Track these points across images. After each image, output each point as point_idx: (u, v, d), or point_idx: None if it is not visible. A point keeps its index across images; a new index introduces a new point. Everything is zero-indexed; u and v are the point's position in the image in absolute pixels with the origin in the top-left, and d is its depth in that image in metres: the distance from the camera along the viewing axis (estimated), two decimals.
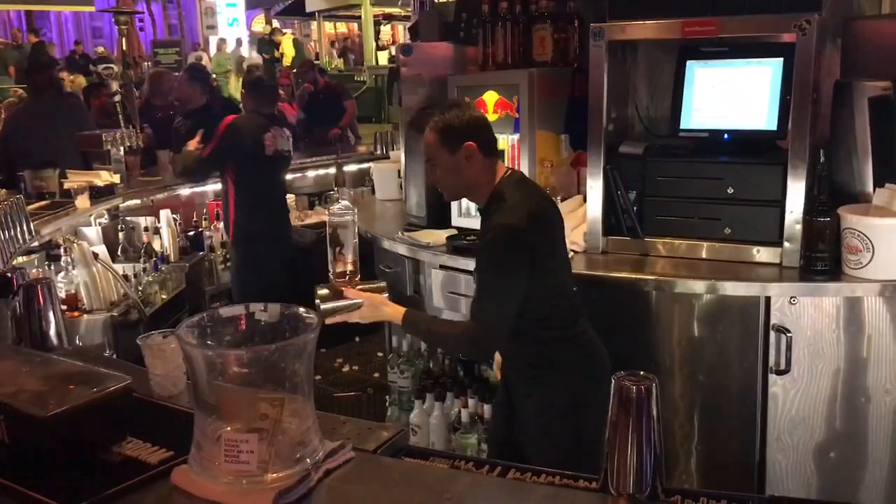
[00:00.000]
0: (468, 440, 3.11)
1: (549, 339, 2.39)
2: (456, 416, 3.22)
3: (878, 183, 2.63)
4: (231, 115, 4.48)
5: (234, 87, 13.57)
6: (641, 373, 1.32)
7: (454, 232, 3.34)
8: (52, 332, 2.03)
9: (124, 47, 7.25)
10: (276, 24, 17.49)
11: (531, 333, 2.37)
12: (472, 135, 2.33)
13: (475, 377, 3.44)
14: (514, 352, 2.46)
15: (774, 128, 2.79)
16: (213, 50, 16.31)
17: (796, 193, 2.65)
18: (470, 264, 3.05)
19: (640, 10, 2.85)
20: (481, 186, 2.38)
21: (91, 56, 15.16)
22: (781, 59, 2.75)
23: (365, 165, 6.24)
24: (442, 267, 3.18)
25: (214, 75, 12.24)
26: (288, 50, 15.50)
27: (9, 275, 2.23)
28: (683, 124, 2.97)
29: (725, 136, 2.90)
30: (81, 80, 9.82)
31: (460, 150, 2.32)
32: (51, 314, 2.04)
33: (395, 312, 2.38)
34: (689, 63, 2.97)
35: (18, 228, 3.59)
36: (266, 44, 15.48)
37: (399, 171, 4.18)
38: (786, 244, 2.69)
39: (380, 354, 5.01)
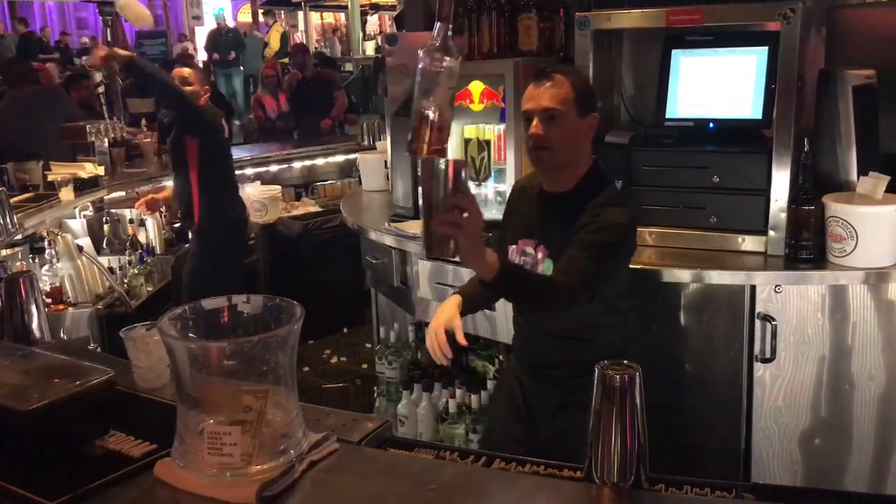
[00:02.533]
0: (456, 430, 3.12)
1: (623, 331, 2.29)
2: (444, 406, 3.23)
3: (862, 171, 2.63)
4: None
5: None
6: (625, 362, 1.32)
7: None
8: (35, 325, 2.02)
9: (109, 38, 7.20)
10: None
11: (610, 324, 2.25)
12: (597, 108, 2.19)
13: (463, 367, 3.45)
14: (573, 350, 2.25)
15: (759, 116, 2.79)
16: (199, 40, 16.22)
17: (781, 182, 2.65)
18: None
19: None
20: (580, 166, 2.18)
21: (74, 47, 15.05)
22: (766, 48, 2.75)
23: (352, 156, 6.22)
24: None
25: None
26: (274, 42, 15.40)
27: None
28: (669, 113, 2.97)
29: (711, 125, 2.90)
30: (49, 69, 9.66)
31: (588, 117, 2.13)
32: (33, 307, 2.02)
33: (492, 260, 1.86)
34: (674, 52, 2.96)
35: (1, 221, 3.57)
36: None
37: (385, 162, 4.16)
38: (771, 233, 2.70)
39: (368, 346, 5.01)
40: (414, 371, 3.48)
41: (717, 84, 2.90)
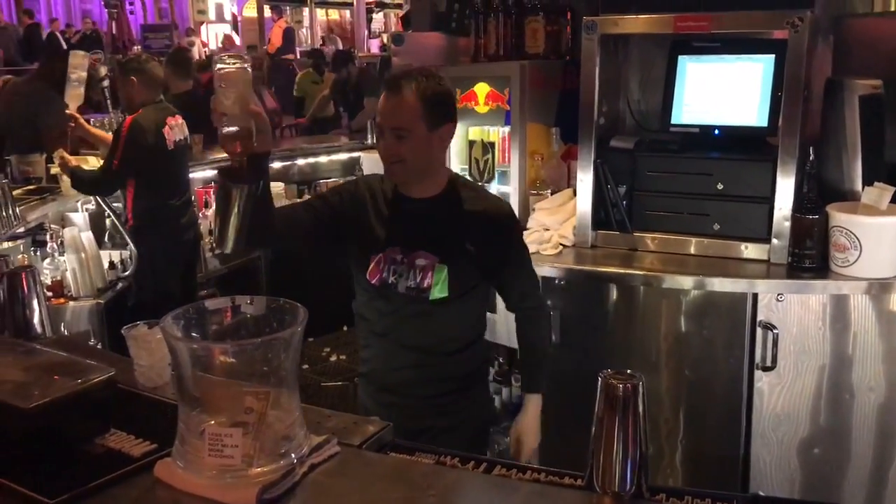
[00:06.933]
0: None
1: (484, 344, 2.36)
2: None
3: (867, 181, 2.63)
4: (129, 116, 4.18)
5: None
6: (628, 371, 1.32)
7: None
8: (36, 320, 2.02)
9: (114, 31, 7.20)
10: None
11: (480, 313, 2.27)
12: (454, 115, 2.10)
13: None
14: (474, 346, 2.26)
15: (765, 124, 2.79)
16: (203, 34, 16.26)
17: (785, 190, 2.65)
18: None
19: (633, 4, 2.84)
20: (438, 173, 2.12)
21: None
22: (773, 56, 2.74)
23: (355, 154, 6.22)
24: None
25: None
26: (276, 38, 15.38)
27: None
28: (674, 119, 2.96)
29: (716, 131, 2.90)
30: None
31: (439, 130, 2.03)
32: (35, 302, 2.02)
33: (536, 406, 2.24)
34: (680, 58, 2.96)
35: (4, 214, 3.57)
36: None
37: None
38: (774, 241, 2.70)
39: None
40: None
41: (722, 91, 2.90)
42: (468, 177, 3.35)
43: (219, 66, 1.73)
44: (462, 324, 2.18)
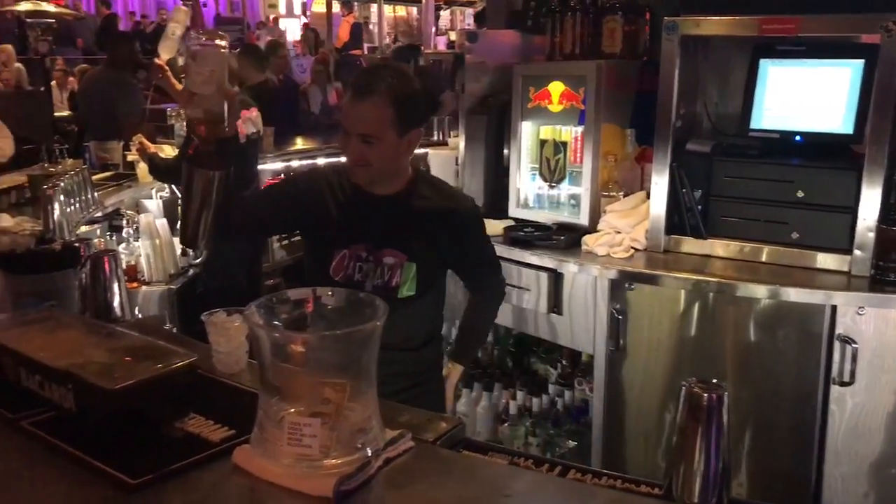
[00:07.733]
0: (516, 432, 3.10)
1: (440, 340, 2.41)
2: (504, 407, 3.21)
3: None
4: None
5: None
6: (714, 381, 1.29)
7: (512, 223, 3.31)
8: (116, 303, 2.07)
9: (188, 24, 7.33)
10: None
11: (440, 307, 2.31)
12: (423, 119, 2.07)
13: (524, 370, 3.42)
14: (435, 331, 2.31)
15: (850, 131, 2.70)
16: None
17: (871, 201, 2.56)
18: (526, 256, 3.04)
19: (715, 5, 2.78)
20: (402, 173, 2.09)
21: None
22: (862, 61, 2.66)
23: (421, 151, 6.21)
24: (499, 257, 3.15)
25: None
26: (343, 34, 15.49)
27: (76, 245, 2.27)
28: (754, 124, 2.89)
29: (797, 137, 2.82)
30: None
31: (408, 135, 1.99)
32: (115, 286, 2.08)
33: (457, 375, 2.37)
34: (762, 61, 2.89)
35: (83, 197, 3.67)
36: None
37: (457, 159, 4.15)
38: (856, 252, 2.61)
39: None
40: (474, 370, 3.47)
41: (806, 96, 2.82)
42: (538, 176, 3.33)
43: (192, 43, 1.64)
44: (425, 319, 2.20)
